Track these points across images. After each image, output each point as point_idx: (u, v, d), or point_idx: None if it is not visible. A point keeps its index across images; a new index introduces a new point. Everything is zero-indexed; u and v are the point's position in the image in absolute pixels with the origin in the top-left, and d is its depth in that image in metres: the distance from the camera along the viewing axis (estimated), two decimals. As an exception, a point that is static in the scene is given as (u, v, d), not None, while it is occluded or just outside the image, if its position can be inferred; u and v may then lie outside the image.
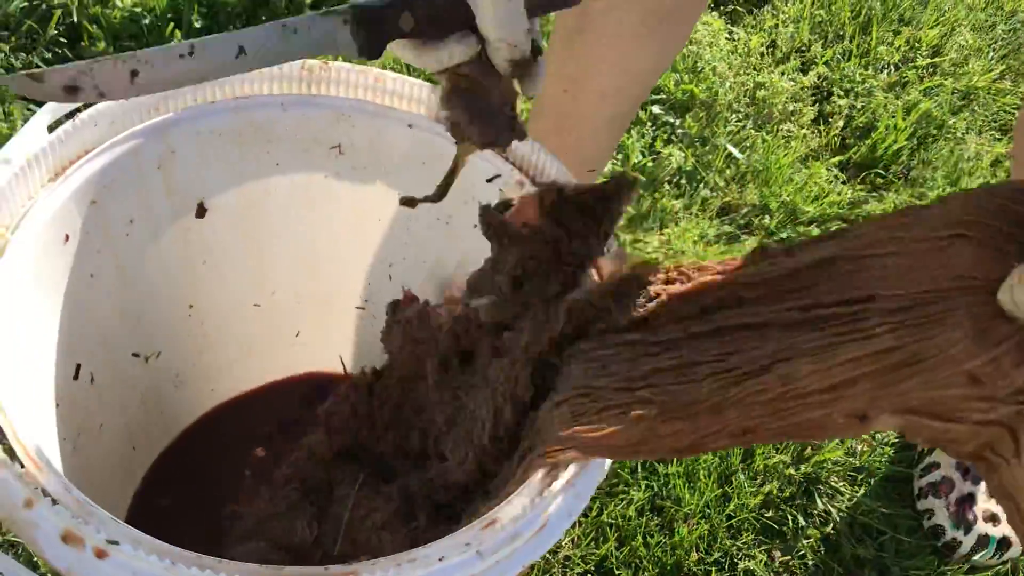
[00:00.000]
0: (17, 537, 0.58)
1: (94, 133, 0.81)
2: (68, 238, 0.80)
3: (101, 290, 0.88)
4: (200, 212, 0.92)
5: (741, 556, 1.21)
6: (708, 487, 1.23)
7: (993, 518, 1.24)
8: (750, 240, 1.53)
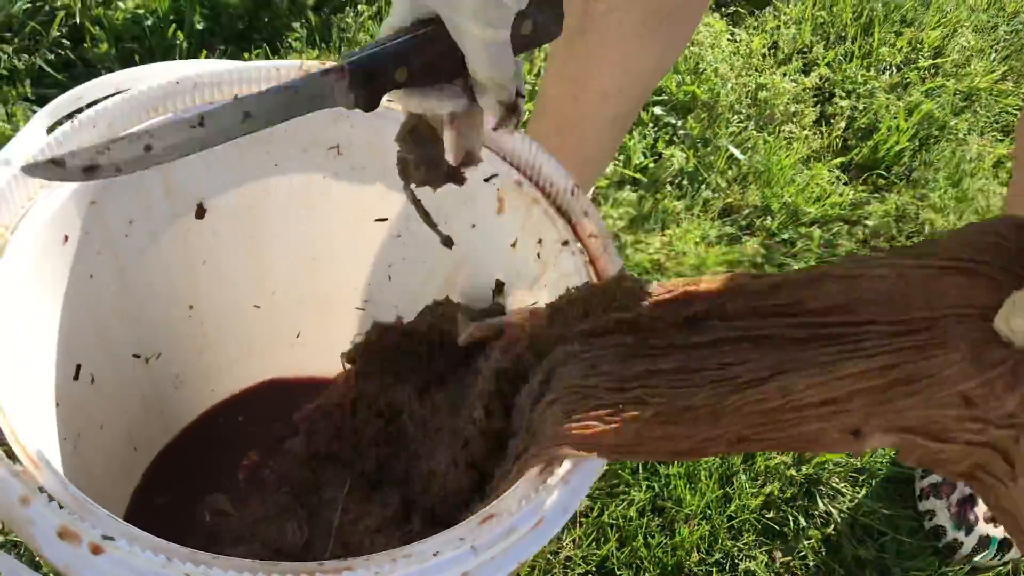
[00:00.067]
0: (16, 535, 0.59)
1: (93, 134, 0.81)
2: (67, 239, 0.81)
3: (101, 291, 0.88)
4: (199, 213, 0.93)
5: (742, 557, 1.21)
6: (709, 488, 1.23)
7: (994, 519, 1.24)
8: (752, 241, 1.53)
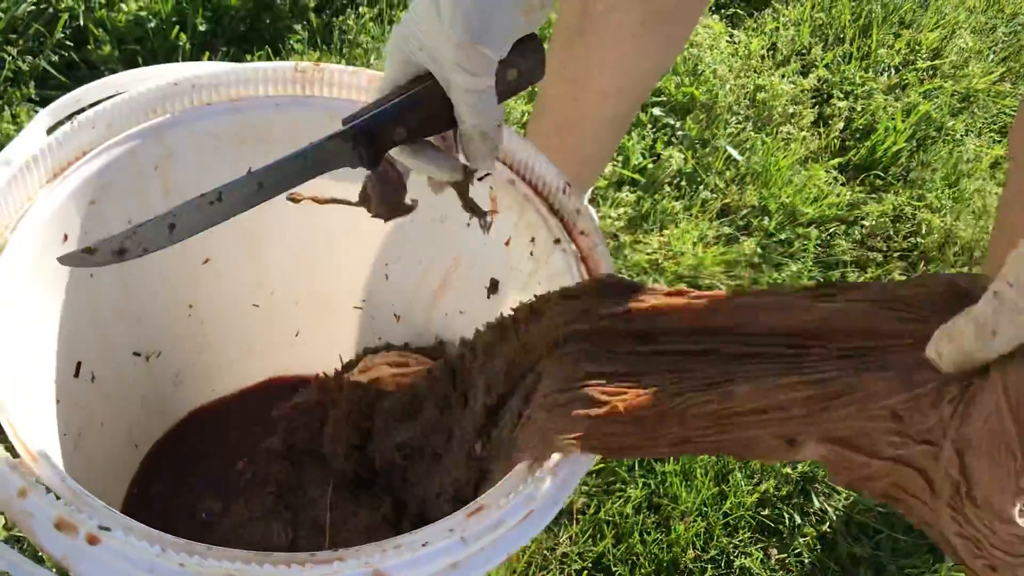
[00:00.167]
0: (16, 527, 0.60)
1: (92, 135, 0.82)
2: (67, 237, 0.82)
3: (101, 289, 0.90)
4: (199, 212, 0.94)
5: (737, 554, 1.22)
6: (705, 485, 1.24)
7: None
8: (749, 241, 1.54)
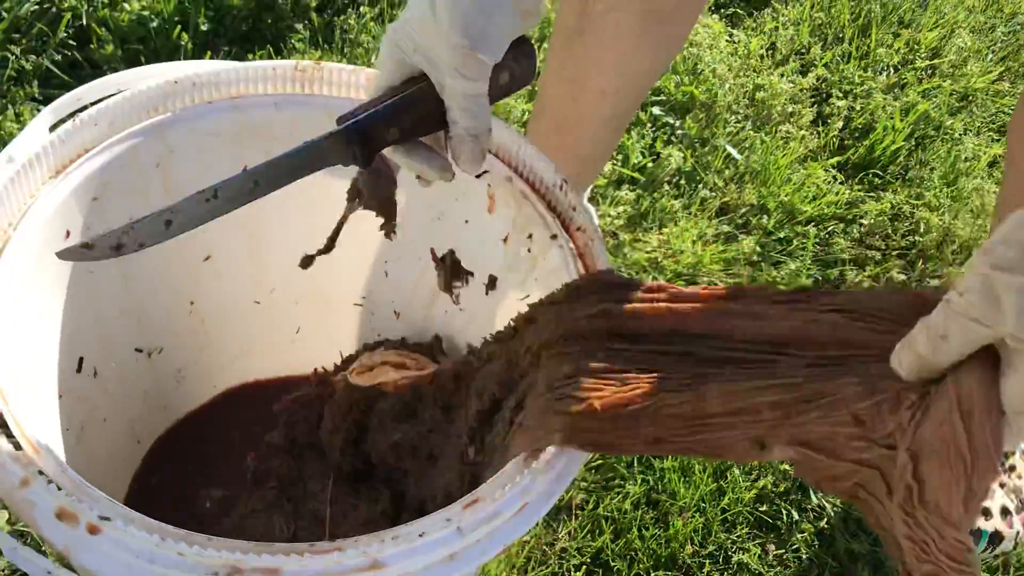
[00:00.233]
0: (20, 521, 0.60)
1: (94, 132, 0.83)
2: (69, 234, 0.83)
3: (103, 286, 0.90)
4: (199, 210, 0.94)
5: (735, 549, 1.23)
6: (703, 481, 1.25)
7: (985, 512, 1.26)
8: (748, 240, 1.55)
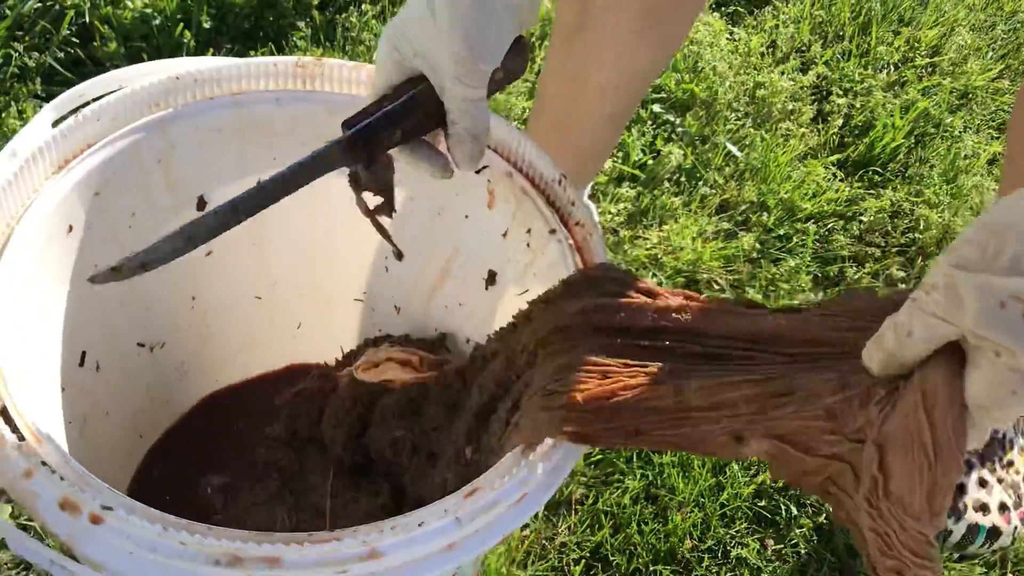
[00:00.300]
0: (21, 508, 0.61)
1: (96, 128, 0.84)
2: (72, 228, 0.83)
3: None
4: (200, 206, 0.95)
5: (734, 544, 1.23)
6: (702, 476, 1.25)
7: (983, 508, 1.26)
8: (747, 237, 1.55)
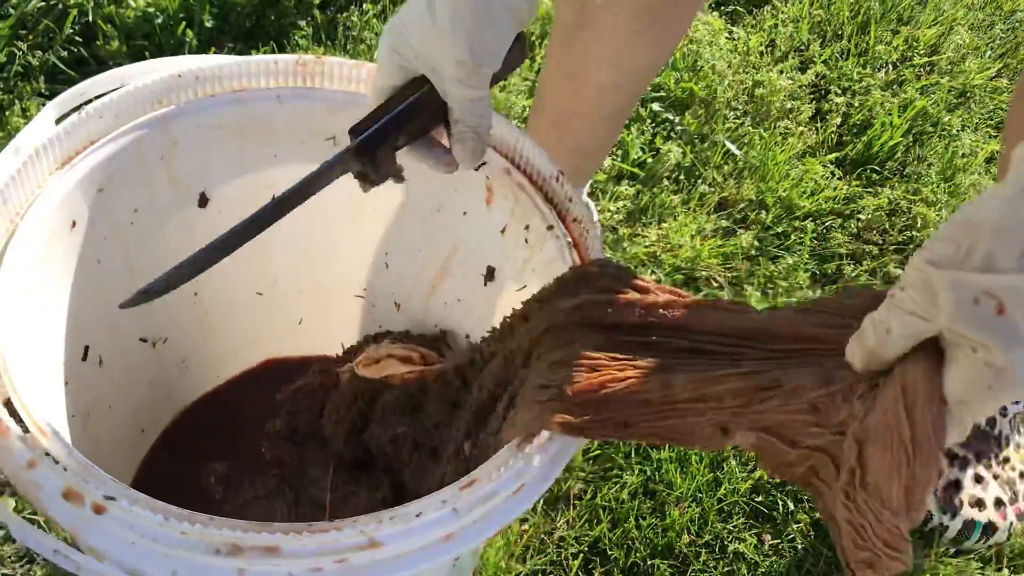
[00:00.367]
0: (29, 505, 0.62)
1: (99, 125, 0.85)
2: (75, 224, 0.84)
3: (108, 275, 0.92)
4: (202, 202, 0.96)
5: (732, 539, 1.24)
6: (700, 472, 1.26)
7: (979, 504, 1.27)
8: (746, 235, 1.56)
